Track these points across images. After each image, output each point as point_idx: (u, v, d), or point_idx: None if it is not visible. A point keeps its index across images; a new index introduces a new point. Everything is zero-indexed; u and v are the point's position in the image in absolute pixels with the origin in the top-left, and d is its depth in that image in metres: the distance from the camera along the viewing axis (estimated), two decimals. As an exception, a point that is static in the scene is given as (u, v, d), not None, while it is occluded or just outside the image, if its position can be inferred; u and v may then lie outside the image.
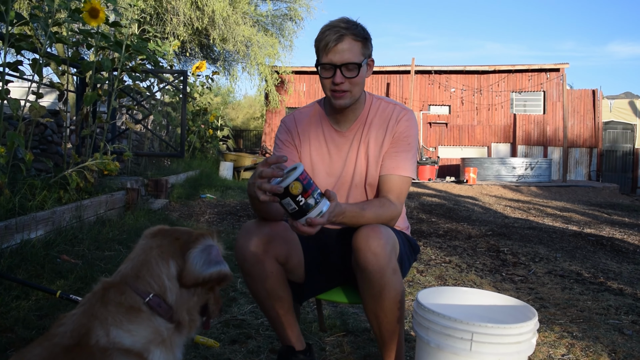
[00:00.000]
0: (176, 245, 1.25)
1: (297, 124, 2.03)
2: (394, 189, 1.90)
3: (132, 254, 1.28)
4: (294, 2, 17.87)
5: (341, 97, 1.85)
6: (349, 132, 1.97)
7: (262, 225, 1.81)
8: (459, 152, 21.84)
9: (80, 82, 5.43)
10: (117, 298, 1.17)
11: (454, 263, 4.30)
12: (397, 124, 1.94)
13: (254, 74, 17.74)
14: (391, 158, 1.92)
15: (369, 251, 1.64)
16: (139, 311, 1.17)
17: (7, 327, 2.23)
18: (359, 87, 1.86)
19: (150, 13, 14.01)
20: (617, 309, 3.16)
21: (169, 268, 1.23)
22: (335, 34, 1.76)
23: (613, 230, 6.76)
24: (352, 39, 1.78)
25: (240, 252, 1.78)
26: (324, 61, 1.81)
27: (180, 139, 6.78)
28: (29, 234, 3.33)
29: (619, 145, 21.88)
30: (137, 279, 1.21)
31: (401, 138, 1.93)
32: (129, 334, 1.12)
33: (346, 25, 1.78)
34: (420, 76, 21.71)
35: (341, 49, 1.77)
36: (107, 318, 1.12)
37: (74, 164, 4.46)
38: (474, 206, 9.50)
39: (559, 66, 21.18)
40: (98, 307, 1.14)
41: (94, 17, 4.19)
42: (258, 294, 1.84)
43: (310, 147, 2.00)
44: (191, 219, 5.89)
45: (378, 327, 1.77)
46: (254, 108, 39.62)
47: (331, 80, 1.82)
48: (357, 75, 1.81)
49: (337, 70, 1.79)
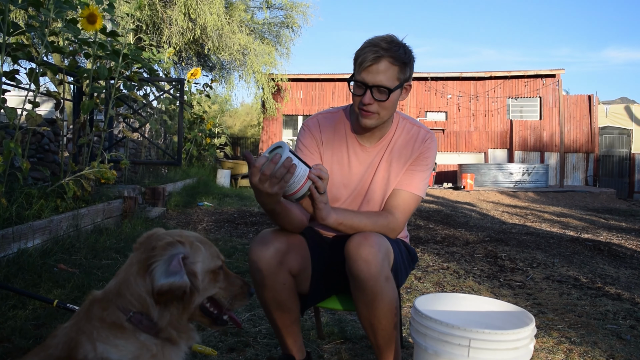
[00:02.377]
0: (152, 259, 1.21)
1: (322, 131, 1.99)
2: (401, 204, 1.90)
3: (120, 269, 1.27)
4: (291, 10, 17.96)
5: (368, 116, 1.80)
6: (373, 148, 1.94)
7: (279, 236, 1.79)
8: (456, 158, 21.88)
9: (77, 90, 5.43)
10: (100, 313, 1.16)
11: (451, 269, 4.30)
12: (422, 145, 1.93)
13: (250, 82, 17.80)
14: (407, 175, 1.92)
15: (360, 259, 1.64)
16: (122, 328, 1.16)
17: (4, 336, 2.22)
18: (388, 110, 1.81)
19: (146, 22, 14.07)
20: (615, 314, 3.16)
21: (147, 284, 1.19)
22: (374, 54, 1.71)
23: (610, 235, 6.77)
24: (389, 62, 1.72)
25: (254, 261, 1.76)
26: (357, 78, 1.77)
27: (178, 147, 6.78)
28: (26, 243, 3.32)
29: (615, 150, 21.95)
30: (119, 296, 1.20)
31: (422, 158, 1.93)
32: (115, 349, 1.12)
33: (387, 45, 1.72)
34: (417, 83, 21.78)
35: (376, 70, 1.72)
36: (92, 332, 1.12)
37: (71, 173, 4.46)
38: (472, 212, 9.51)
39: (554, 72, 21.29)
40: (84, 322, 1.15)
41: (92, 23, 4.20)
42: (268, 304, 1.83)
43: (332, 157, 1.97)
44: (189, 227, 5.88)
45: (373, 335, 1.77)
46: (251, 116, 39.60)
47: (360, 99, 1.78)
48: (386, 99, 1.76)
49: (367, 91, 1.75)
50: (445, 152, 22.00)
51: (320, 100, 22.60)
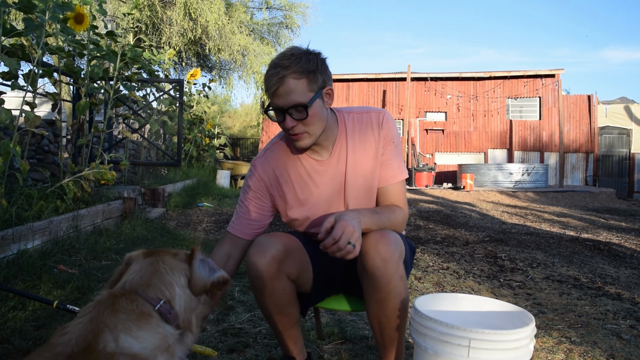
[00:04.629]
0: (177, 259, 1.34)
1: (274, 168, 1.92)
2: (397, 197, 1.89)
3: (132, 269, 1.32)
4: (290, 10, 17.98)
5: (299, 139, 1.74)
6: (332, 158, 1.87)
7: (275, 242, 1.77)
8: (455, 158, 21.89)
9: (76, 91, 5.43)
10: (129, 305, 1.19)
11: (451, 269, 4.30)
12: (381, 129, 1.87)
13: (250, 83, 17.83)
14: (384, 168, 1.88)
15: (378, 256, 1.62)
16: (150, 317, 1.19)
17: (4, 338, 2.22)
18: (316, 125, 1.73)
19: (145, 23, 14.07)
20: (615, 313, 3.16)
21: (180, 278, 1.31)
22: (276, 76, 1.64)
23: (610, 235, 6.77)
24: (293, 78, 1.64)
25: (253, 268, 1.74)
26: (272, 105, 1.70)
27: (177, 148, 6.78)
28: (26, 244, 3.32)
29: (615, 150, 21.97)
30: (148, 287, 1.26)
31: (388, 142, 1.88)
32: (137, 340, 1.13)
33: (288, 62, 1.64)
34: (417, 83, 21.79)
35: (284, 92, 1.64)
36: (117, 325, 1.13)
37: (70, 174, 4.46)
38: (471, 212, 9.51)
39: (554, 72, 21.31)
40: (107, 314, 1.15)
41: (79, 22, 4.26)
42: (267, 309, 1.82)
43: (294, 187, 1.90)
44: (188, 228, 5.88)
45: (380, 333, 1.76)
46: (250, 116, 39.63)
47: (284, 125, 1.72)
48: (307, 116, 1.68)
49: (285, 115, 1.69)
50: (444, 152, 22.01)
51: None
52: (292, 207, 1.92)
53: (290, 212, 1.93)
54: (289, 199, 1.92)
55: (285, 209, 1.94)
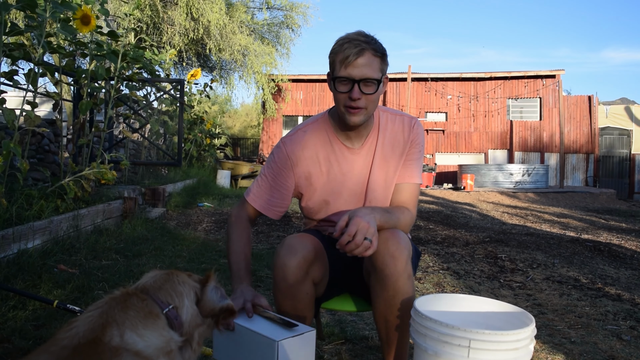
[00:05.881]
0: (191, 278, 1.39)
1: (305, 148, 1.92)
2: (409, 197, 1.91)
3: (147, 275, 1.37)
4: (291, 10, 17.98)
5: (356, 113, 1.76)
6: (362, 149, 1.91)
7: (306, 243, 1.75)
8: (456, 159, 21.90)
9: (77, 91, 5.43)
10: (139, 303, 1.21)
11: (451, 270, 4.30)
12: (411, 132, 1.92)
13: (250, 83, 17.83)
14: (405, 167, 1.92)
15: (388, 254, 1.63)
16: (157, 318, 1.21)
17: (4, 337, 2.22)
18: (374, 104, 1.79)
19: (147, 22, 14.08)
20: (615, 314, 3.16)
21: (190, 292, 1.34)
22: (356, 48, 1.68)
23: (610, 236, 6.77)
24: (372, 54, 1.70)
25: (280, 270, 1.71)
26: (341, 74, 1.71)
27: (178, 148, 6.78)
28: (26, 243, 3.32)
29: (615, 151, 21.97)
30: (160, 290, 1.29)
31: (414, 145, 1.92)
32: (141, 338, 1.15)
33: (365, 39, 1.71)
34: (417, 83, 21.80)
35: (361, 64, 1.69)
36: (124, 321, 1.15)
37: (71, 173, 4.46)
38: (472, 213, 9.51)
39: (554, 73, 21.31)
40: (117, 310, 1.17)
41: (86, 24, 4.21)
42: (286, 310, 1.78)
43: (321, 169, 1.91)
44: (189, 228, 5.88)
45: (386, 332, 1.76)
46: (251, 116, 39.61)
47: (347, 96, 1.73)
48: (375, 92, 1.74)
49: (355, 86, 1.71)
50: (445, 152, 22.01)
51: (320, 101, 22.61)
52: (315, 190, 1.93)
53: (312, 194, 1.94)
54: (314, 181, 1.92)
55: (308, 191, 1.94)
